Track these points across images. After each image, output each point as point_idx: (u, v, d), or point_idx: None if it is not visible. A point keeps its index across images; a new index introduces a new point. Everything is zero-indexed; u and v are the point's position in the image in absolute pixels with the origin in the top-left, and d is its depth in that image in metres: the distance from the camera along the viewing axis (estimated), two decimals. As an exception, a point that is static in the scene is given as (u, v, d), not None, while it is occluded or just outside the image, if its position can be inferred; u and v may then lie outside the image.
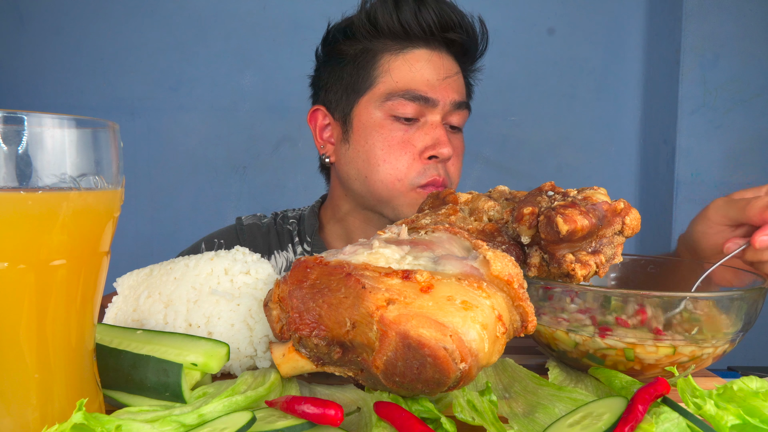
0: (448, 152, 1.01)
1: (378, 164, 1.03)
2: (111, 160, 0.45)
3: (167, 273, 0.65)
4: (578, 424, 0.45)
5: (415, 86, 1.02)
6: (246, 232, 1.19)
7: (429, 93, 1.02)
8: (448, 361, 0.45)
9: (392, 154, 1.02)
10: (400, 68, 1.03)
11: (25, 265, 0.41)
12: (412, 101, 1.01)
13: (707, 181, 2.14)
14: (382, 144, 1.03)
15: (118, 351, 0.53)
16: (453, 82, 1.05)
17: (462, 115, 1.07)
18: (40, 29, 2.28)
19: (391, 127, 1.03)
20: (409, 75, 1.02)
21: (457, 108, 1.05)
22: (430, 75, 1.03)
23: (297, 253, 1.17)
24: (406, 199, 1.04)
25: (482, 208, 0.67)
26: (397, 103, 1.02)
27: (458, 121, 1.07)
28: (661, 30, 2.24)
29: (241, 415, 0.45)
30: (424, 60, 1.03)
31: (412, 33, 1.02)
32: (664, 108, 2.21)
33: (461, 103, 1.06)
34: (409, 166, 1.02)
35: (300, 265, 0.54)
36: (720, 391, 0.48)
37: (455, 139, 1.08)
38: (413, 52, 1.03)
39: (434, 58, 1.04)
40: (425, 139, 1.02)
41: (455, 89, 1.05)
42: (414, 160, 1.02)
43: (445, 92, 1.03)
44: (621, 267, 0.80)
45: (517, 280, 0.51)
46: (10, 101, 2.29)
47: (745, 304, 0.59)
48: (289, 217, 1.22)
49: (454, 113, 1.06)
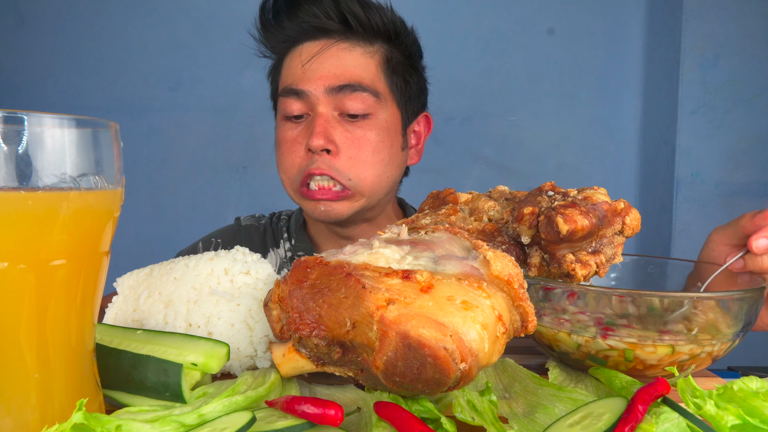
0: (316, 143, 0.94)
1: (279, 167, 1.03)
2: (111, 160, 0.45)
3: (167, 273, 0.65)
4: (578, 424, 0.45)
5: (290, 81, 1.00)
6: (244, 232, 1.20)
7: (299, 84, 0.98)
8: (448, 361, 0.45)
9: (283, 155, 1.01)
10: (285, 67, 1.03)
11: (25, 264, 0.40)
12: (288, 97, 0.99)
13: (707, 181, 2.14)
14: (278, 146, 1.03)
15: (118, 351, 0.53)
16: (329, 66, 0.97)
17: (355, 100, 0.96)
18: (40, 29, 2.28)
19: (282, 128, 1.02)
20: (288, 71, 1.01)
21: (339, 92, 0.96)
22: (297, 66, 0.99)
23: (285, 249, 1.17)
24: (302, 203, 1.01)
25: (482, 208, 0.67)
26: (281, 102, 1.01)
27: (353, 107, 0.96)
28: (661, 30, 2.24)
29: (241, 415, 0.45)
30: (299, 53, 1.00)
31: (292, 35, 1.01)
32: (664, 108, 2.21)
33: (342, 86, 0.96)
34: (293, 165, 0.99)
35: (300, 265, 0.54)
36: (720, 391, 0.48)
37: (350, 129, 0.97)
38: (297, 48, 1.01)
39: (306, 48, 0.99)
40: (306, 133, 0.98)
41: (331, 73, 0.96)
42: (300, 158, 0.99)
43: (316, 79, 0.96)
44: (621, 267, 0.80)
45: (517, 280, 0.51)
46: (10, 101, 2.29)
47: (745, 305, 0.60)
48: (282, 215, 1.23)
49: (343, 99, 0.96)
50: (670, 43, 2.17)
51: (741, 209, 1.89)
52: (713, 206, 2.14)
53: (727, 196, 2.14)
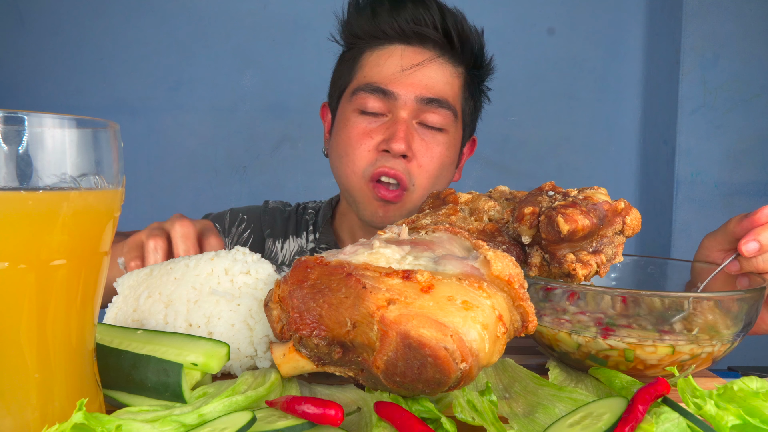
0: (398, 147, 0.96)
1: (341, 157, 1.03)
2: (111, 160, 0.45)
3: (167, 273, 0.65)
4: (578, 424, 0.45)
5: (377, 79, 1.01)
6: (269, 213, 1.22)
7: (389, 85, 0.99)
8: (448, 361, 0.45)
9: (351, 146, 1.02)
10: (371, 63, 1.03)
11: (25, 264, 0.40)
12: (372, 94, 1.00)
13: (707, 181, 2.14)
14: (346, 136, 1.03)
15: (119, 351, 0.53)
16: (421, 76, 1.00)
17: (438, 115, 1.01)
18: (40, 29, 2.28)
19: (355, 120, 1.02)
20: (376, 69, 1.02)
21: (427, 104, 1.00)
22: (395, 68, 1.00)
23: (309, 240, 1.18)
24: (361, 194, 1.02)
25: (483, 208, 0.67)
26: (360, 96, 1.01)
27: (433, 120, 1.01)
28: (661, 30, 2.24)
29: (242, 415, 0.45)
30: (395, 55, 1.01)
31: (389, 34, 1.02)
32: (664, 108, 2.21)
33: (432, 99, 1.00)
34: (362, 158, 1.00)
35: (300, 265, 0.54)
36: (720, 391, 0.48)
37: (426, 139, 1.01)
38: (387, 48, 1.02)
39: (405, 53, 1.01)
40: (385, 133, 0.99)
41: (423, 84, 1.00)
42: (369, 152, 1.00)
43: (408, 86, 0.99)
44: (621, 267, 0.80)
45: (518, 280, 0.51)
46: (10, 101, 2.29)
47: (745, 305, 0.60)
48: (309, 207, 1.25)
49: (427, 111, 1.00)
50: (670, 43, 2.17)
51: (741, 209, 1.89)
52: (713, 206, 2.14)
53: (727, 196, 2.14)
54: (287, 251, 1.18)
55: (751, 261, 0.68)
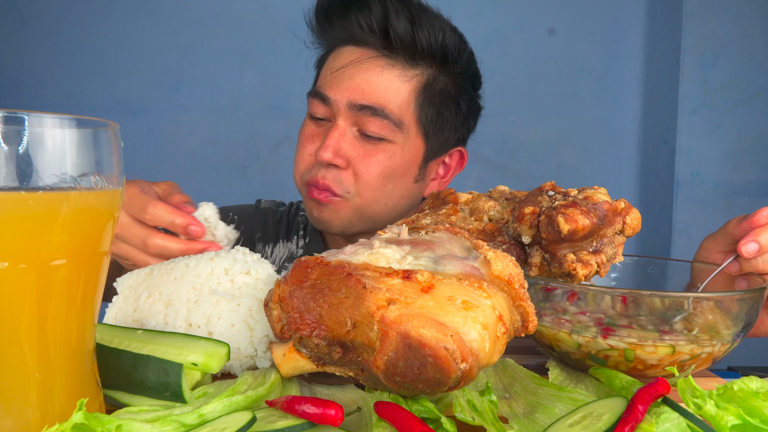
0: (322, 155, 0.93)
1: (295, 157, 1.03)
2: (111, 160, 0.45)
3: (167, 273, 0.65)
4: (578, 424, 0.45)
5: (320, 83, 0.99)
6: (261, 213, 1.20)
7: (325, 89, 0.96)
8: (448, 361, 0.45)
9: (298, 149, 1.02)
10: (324, 66, 1.02)
11: (25, 264, 0.40)
12: (315, 98, 0.98)
13: (707, 181, 2.14)
14: (299, 138, 1.03)
15: (119, 351, 0.53)
16: (359, 80, 0.94)
17: (374, 123, 0.93)
18: (40, 29, 2.28)
19: (306, 124, 1.02)
20: (323, 72, 1.01)
21: (360, 111, 0.93)
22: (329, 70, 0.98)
23: (299, 246, 1.17)
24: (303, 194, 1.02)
25: (483, 208, 0.67)
26: (310, 101, 1.00)
27: (371, 128, 0.94)
28: (661, 30, 2.24)
29: (242, 415, 0.45)
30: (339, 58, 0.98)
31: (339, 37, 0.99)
32: (664, 108, 2.21)
33: (365, 106, 0.93)
34: (303, 162, 0.99)
35: (300, 265, 0.54)
36: (720, 391, 0.48)
37: (365, 148, 0.95)
38: (339, 50, 0.99)
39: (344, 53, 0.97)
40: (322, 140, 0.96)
41: (359, 88, 0.93)
42: (310, 156, 0.98)
43: (342, 90, 0.94)
44: (621, 267, 0.80)
45: (518, 280, 0.51)
46: (10, 101, 2.29)
47: (745, 305, 0.60)
48: (301, 209, 1.22)
49: (363, 118, 0.93)
50: (670, 43, 2.17)
51: (741, 209, 1.89)
52: (713, 206, 2.14)
53: (727, 196, 2.14)
54: (277, 256, 1.17)
55: (751, 262, 0.68)
